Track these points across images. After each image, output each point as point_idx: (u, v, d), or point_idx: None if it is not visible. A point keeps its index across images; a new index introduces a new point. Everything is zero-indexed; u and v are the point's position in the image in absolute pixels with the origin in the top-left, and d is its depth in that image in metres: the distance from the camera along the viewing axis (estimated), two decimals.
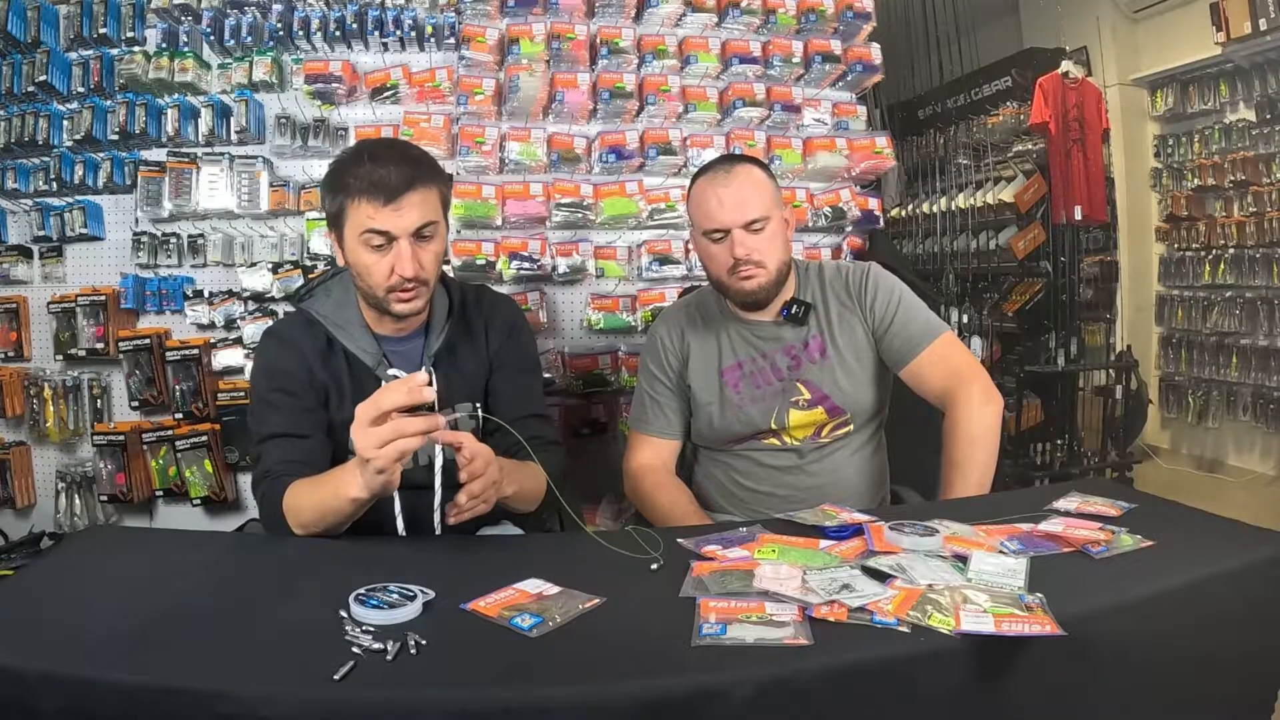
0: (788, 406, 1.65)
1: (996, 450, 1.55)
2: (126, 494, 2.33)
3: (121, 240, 2.39)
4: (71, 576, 1.05)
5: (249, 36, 2.33)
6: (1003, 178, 4.56)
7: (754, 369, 1.68)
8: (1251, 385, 4.42)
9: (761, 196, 1.59)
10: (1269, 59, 4.12)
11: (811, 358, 1.66)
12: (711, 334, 1.72)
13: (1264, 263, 4.31)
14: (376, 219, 1.29)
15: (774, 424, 1.66)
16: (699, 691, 0.81)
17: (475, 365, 1.49)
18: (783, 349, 1.67)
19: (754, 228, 1.57)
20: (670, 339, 1.75)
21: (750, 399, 1.67)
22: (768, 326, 1.69)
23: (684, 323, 1.75)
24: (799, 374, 1.65)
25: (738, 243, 1.57)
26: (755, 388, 1.67)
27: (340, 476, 1.17)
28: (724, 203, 1.58)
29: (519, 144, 2.36)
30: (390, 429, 1.05)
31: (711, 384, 1.69)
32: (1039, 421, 4.18)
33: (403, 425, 1.06)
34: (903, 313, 1.63)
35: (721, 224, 1.58)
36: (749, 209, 1.57)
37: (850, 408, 1.65)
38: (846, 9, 2.53)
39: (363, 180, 1.29)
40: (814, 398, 1.65)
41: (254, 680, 0.80)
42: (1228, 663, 1.06)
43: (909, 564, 1.03)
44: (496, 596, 0.96)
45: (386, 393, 1.07)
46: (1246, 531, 1.18)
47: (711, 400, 1.69)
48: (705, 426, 1.71)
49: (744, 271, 1.59)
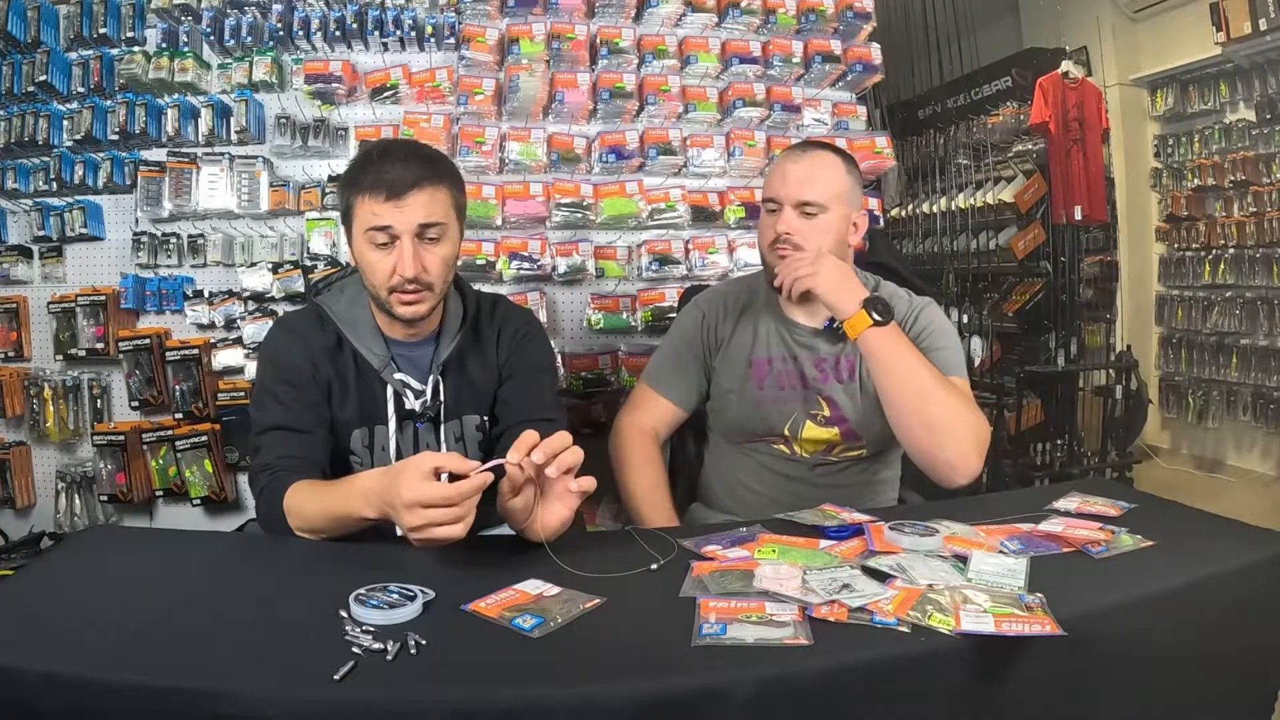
0: (805, 417, 1.62)
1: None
2: (126, 494, 2.33)
3: (121, 240, 2.39)
4: (71, 576, 1.05)
5: (249, 36, 2.33)
6: (1003, 178, 4.56)
7: (782, 368, 1.64)
8: (1251, 385, 4.42)
9: (828, 185, 1.55)
10: (1269, 59, 4.12)
11: (839, 376, 1.61)
12: (751, 321, 1.68)
13: (1264, 263, 4.31)
14: (379, 214, 1.28)
15: (787, 431, 1.62)
16: (699, 691, 0.81)
17: (484, 374, 1.47)
18: (814, 359, 1.62)
19: (806, 209, 1.54)
20: (715, 315, 1.70)
21: (771, 398, 1.63)
22: (807, 332, 1.64)
23: (731, 304, 1.71)
24: (824, 389, 1.61)
25: (783, 219, 1.55)
26: (779, 388, 1.63)
27: (350, 494, 1.13)
28: (786, 176, 1.56)
29: (519, 144, 2.36)
30: (452, 520, 1.01)
31: (738, 371, 1.65)
32: (1039, 421, 4.18)
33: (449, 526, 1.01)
34: (928, 353, 1.51)
35: (775, 195, 1.56)
36: (807, 190, 1.54)
37: (866, 435, 1.61)
38: (846, 9, 2.53)
39: (371, 176, 1.28)
40: (833, 416, 1.61)
41: (254, 680, 0.80)
42: (1228, 663, 1.06)
43: (909, 564, 1.03)
44: (497, 597, 0.96)
45: (465, 492, 1.01)
46: (1246, 531, 1.19)
47: (733, 388, 1.65)
48: (721, 412, 1.68)
49: (781, 250, 1.56)
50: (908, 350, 1.45)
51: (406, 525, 1.02)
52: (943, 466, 1.41)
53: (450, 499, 1.00)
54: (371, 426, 1.42)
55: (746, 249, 2.49)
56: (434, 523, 1.00)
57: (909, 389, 1.42)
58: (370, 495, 1.08)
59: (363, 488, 1.11)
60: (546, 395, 1.51)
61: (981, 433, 1.42)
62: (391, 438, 1.41)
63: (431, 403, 1.42)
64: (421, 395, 1.41)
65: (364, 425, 1.41)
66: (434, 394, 1.42)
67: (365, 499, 1.09)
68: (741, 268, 2.47)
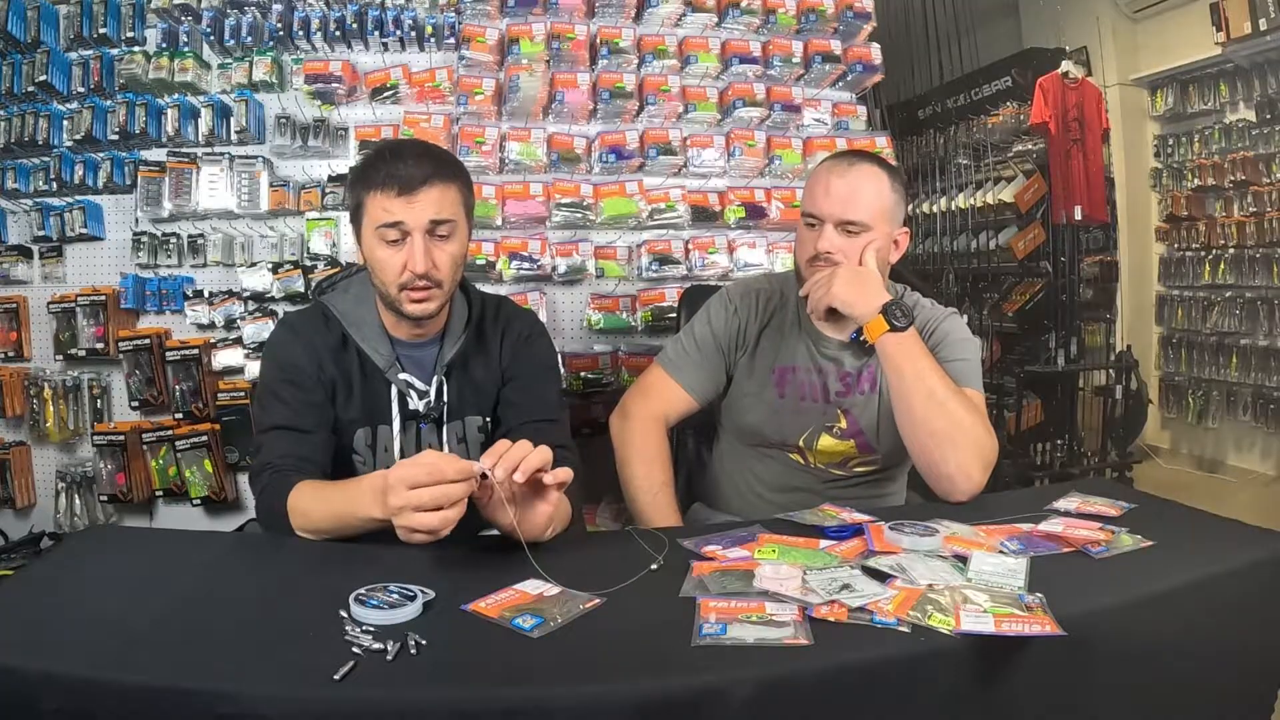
0: (821, 430, 1.60)
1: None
2: (126, 494, 2.33)
3: (121, 240, 2.39)
4: (71, 576, 1.05)
5: (249, 36, 2.34)
6: (1003, 178, 4.56)
7: (805, 379, 1.60)
8: (1251, 385, 4.42)
9: (872, 203, 1.50)
10: (1269, 59, 4.12)
11: (861, 389, 1.59)
12: (779, 326, 1.65)
13: (1264, 263, 4.31)
14: (391, 210, 1.28)
15: (802, 442, 1.61)
16: (699, 691, 0.81)
17: (487, 375, 1.47)
18: (839, 372, 1.60)
19: (849, 228, 1.50)
20: (746, 312, 1.65)
21: (791, 408, 1.61)
22: (833, 344, 1.60)
23: (763, 303, 1.66)
24: (844, 402, 1.59)
25: (825, 236, 1.50)
26: (799, 399, 1.60)
27: (358, 494, 1.13)
28: (830, 192, 1.50)
29: (519, 144, 2.37)
30: (432, 505, 1.01)
31: (761, 375, 1.63)
32: (1039, 421, 4.18)
33: (443, 512, 1.02)
34: (943, 364, 1.49)
35: (818, 211, 1.52)
36: (851, 208, 1.49)
37: (882, 449, 1.59)
38: (846, 9, 2.53)
39: (383, 172, 1.29)
40: (850, 429, 1.59)
41: (254, 680, 0.80)
42: (1228, 663, 1.06)
43: (909, 564, 1.03)
44: (497, 597, 0.96)
45: (445, 471, 1.02)
46: (1246, 531, 1.19)
47: (752, 392, 1.63)
48: (737, 413, 1.65)
49: (820, 267, 1.51)
50: (922, 358, 1.43)
51: (391, 506, 1.03)
52: (944, 479, 1.40)
53: (432, 480, 1.01)
54: (375, 426, 1.42)
55: (746, 249, 2.49)
56: (414, 504, 1.01)
57: (918, 397, 1.41)
58: (376, 493, 1.09)
59: (371, 484, 1.11)
60: (550, 396, 1.50)
61: (987, 448, 1.40)
62: (395, 438, 1.41)
63: (435, 403, 1.42)
64: (425, 395, 1.41)
65: (367, 425, 1.42)
66: (438, 394, 1.42)
67: (373, 496, 1.09)
68: (742, 268, 2.47)
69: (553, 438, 1.41)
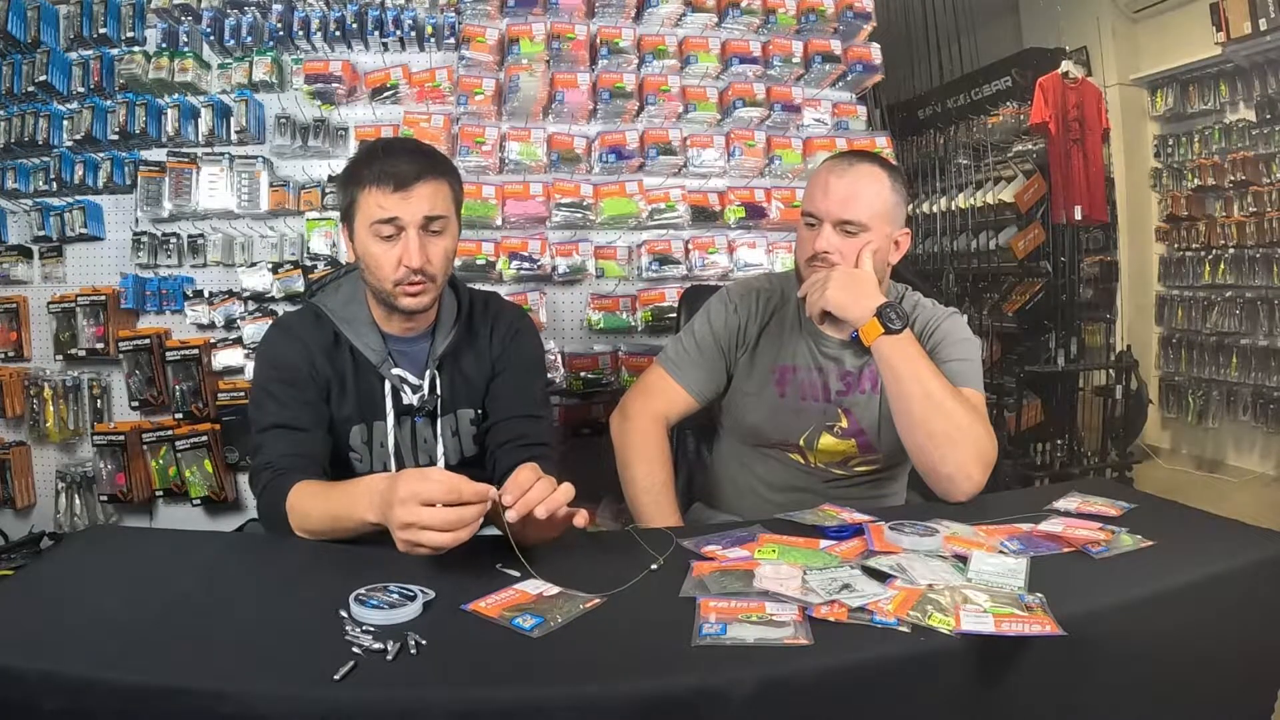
0: (822, 429, 1.60)
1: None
2: (126, 494, 2.33)
3: (121, 240, 2.40)
4: (71, 576, 1.05)
5: (249, 36, 2.34)
6: (1003, 178, 4.56)
7: (806, 378, 1.60)
8: (1251, 385, 4.42)
9: (871, 203, 1.49)
10: (1269, 59, 4.12)
11: (862, 388, 1.58)
12: (779, 326, 1.64)
13: (1264, 263, 4.31)
14: (386, 206, 1.30)
15: (803, 442, 1.61)
16: (699, 691, 0.81)
17: (477, 369, 1.48)
18: (840, 371, 1.59)
19: (847, 229, 1.49)
20: (746, 312, 1.64)
21: (792, 409, 1.61)
22: (834, 343, 1.60)
23: (763, 303, 1.66)
24: (845, 400, 1.59)
25: (823, 236, 1.50)
26: (800, 399, 1.60)
27: (355, 496, 1.12)
28: (829, 192, 1.50)
29: (519, 144, 2.37)
30: (444, 527, 0.99)
31: (761, 374, 1.62)
32: (1039, 421, 4.18)
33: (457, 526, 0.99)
34: (941, 364, 1.48)
35: (817, 211, 1.51)
36: (849, 208, 1.48)
37: (883, 448, 1.59)
38: (846, 9, 2.53)
39: (376, 169, 1.30)
40: (851, 429, 1.59)
41: (254, 680, 0.80)
42: (1228, 663, 1.06)
43: (909, 564, 1.03)
44: (497, 597, 0.96)
45: (463, 492, 0.99)
46: (1246, 531, 1.19)
47: (752, 391, 1.63)
48: (737, 413, 1.65)
49: (818, 266, 1.51)
50: (918, 359, 1.42)
51: (397, 520, 1.00)
52: (944, 480, 1.39)
53: (449, 499, 0.99)
54: (370, 423, 1.43)
55: (746, 249, 2.49)
56: (424, 523, 0.99)
57: (915, 398, 1.40)
58: (374, 496, 1.08)
59: (369, 487, 1.10)
60: (535, 392, 1.52)
61: (986, 448, 1.39)
62: (390, 433, 1.42)
63: (429, 397, 1.43)
64: (419, 390, 1.42)
65: (362, 422, 1.42)
66: (431, 388, 1.43)
67: (370, 500, 1.08)
68: (741, 268, 2.47)
69: (534, 435, 1.44)
